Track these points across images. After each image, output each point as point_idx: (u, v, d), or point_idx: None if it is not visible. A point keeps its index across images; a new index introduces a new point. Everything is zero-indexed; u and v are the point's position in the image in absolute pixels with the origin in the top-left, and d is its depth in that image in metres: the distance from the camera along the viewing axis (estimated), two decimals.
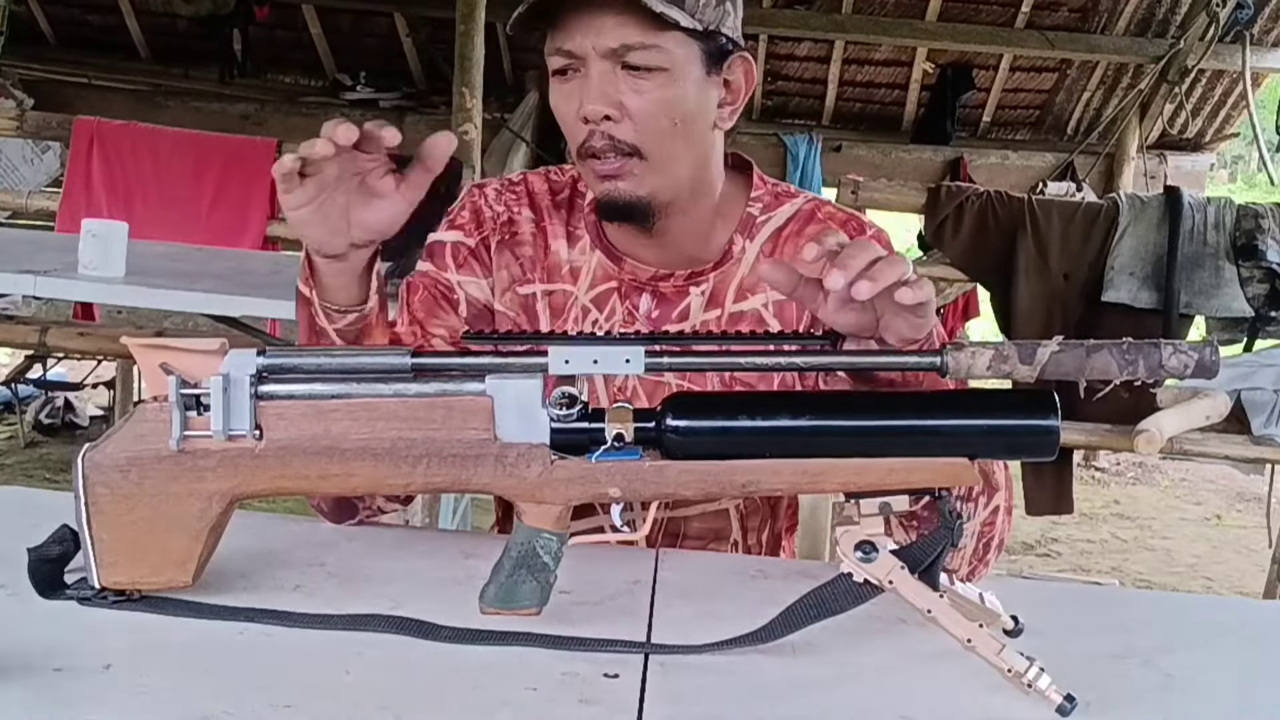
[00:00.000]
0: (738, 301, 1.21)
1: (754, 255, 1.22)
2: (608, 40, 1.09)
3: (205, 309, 2.72)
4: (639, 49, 1.10)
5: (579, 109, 1.12)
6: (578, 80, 1.12)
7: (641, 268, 1.22)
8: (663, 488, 0.89)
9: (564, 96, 1.13)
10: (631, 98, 1.11)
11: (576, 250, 1.24)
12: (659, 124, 1.12)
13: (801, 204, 1.24)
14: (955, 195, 3.84)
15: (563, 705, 0.80)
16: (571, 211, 1.26)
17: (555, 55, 1.12)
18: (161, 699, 0.77)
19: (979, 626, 0.83)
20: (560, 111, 1.14)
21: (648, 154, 1.12)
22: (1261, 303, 3.56)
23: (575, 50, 1.11)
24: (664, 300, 1.22)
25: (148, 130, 4.65)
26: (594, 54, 1.10)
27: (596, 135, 1.12)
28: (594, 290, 1.22)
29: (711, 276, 1.21)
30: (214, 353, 0.88)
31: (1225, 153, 11.75)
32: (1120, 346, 0.85)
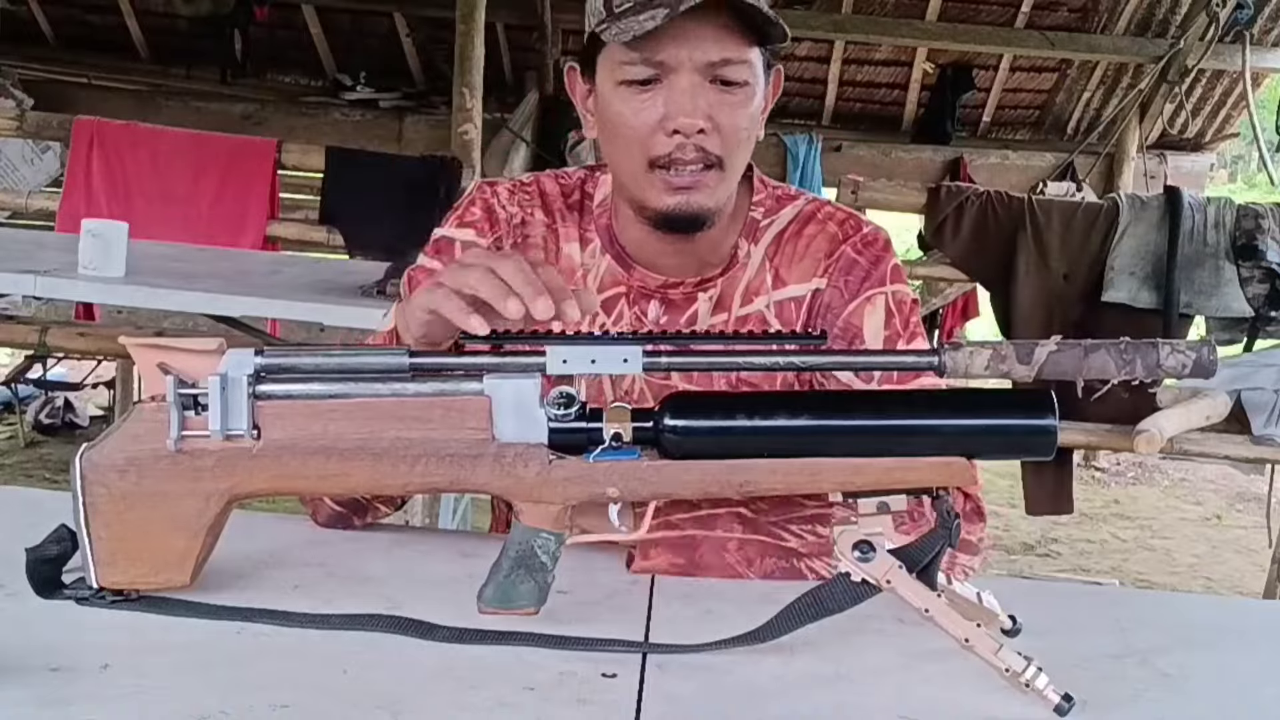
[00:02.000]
0: (744, 306, 1.21)
1: (759, 259, 1.21)
2: (709, 54, 1.07)
3: (205, 309, 2.73)
4: (736, 64, 1.09)
5: (662, 120, 1.09)
6: (659, 91, 1.09)
7: (651, 276, 1.20)
8: (661, 487, 0.89)
9: (640, 106, 1.10)
10: (722, 111, 1.09)
11: (587, 254, 1.22)
12: (740, 136, 1.12)
13: (802, 205, 1.24)
14: (955, 195, 3.84)
15: (561, 705, 0.80)
16: (583, 214, 1.24)
17: (640, 65, 1.08)
18: (159, 699, 0.77)
19: (977, 626, 0.83)
20: (633, 122, 1.10)
21: (726, 165, 1.12)
22: (1261, 303, 3.56)
23: (668, 61, 1.07)
24: (672, 306, 1.21)
25: (148, 130, 4.65)
26: (688, 65, 1.07)
27: (688, 148, 1.09)
28: (602, 295, 1.21)
29: (719, 282, 1.21)
30: (212, 352, 0.88)
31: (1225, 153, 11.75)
32: (1118, 346, 0.85)
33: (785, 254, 1.22)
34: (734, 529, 1.04)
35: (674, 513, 1.03)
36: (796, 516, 1.04)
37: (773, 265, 1.21)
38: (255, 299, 2.63)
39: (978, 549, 1.13)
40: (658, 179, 1.11)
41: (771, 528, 1.04)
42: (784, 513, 1.04)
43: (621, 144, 1.12)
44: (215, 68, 6.77)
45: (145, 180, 4.47)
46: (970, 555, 1.13)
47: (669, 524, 1.03)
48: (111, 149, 4.46)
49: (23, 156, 5.59)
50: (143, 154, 4.49)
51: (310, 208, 4.81)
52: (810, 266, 1.21)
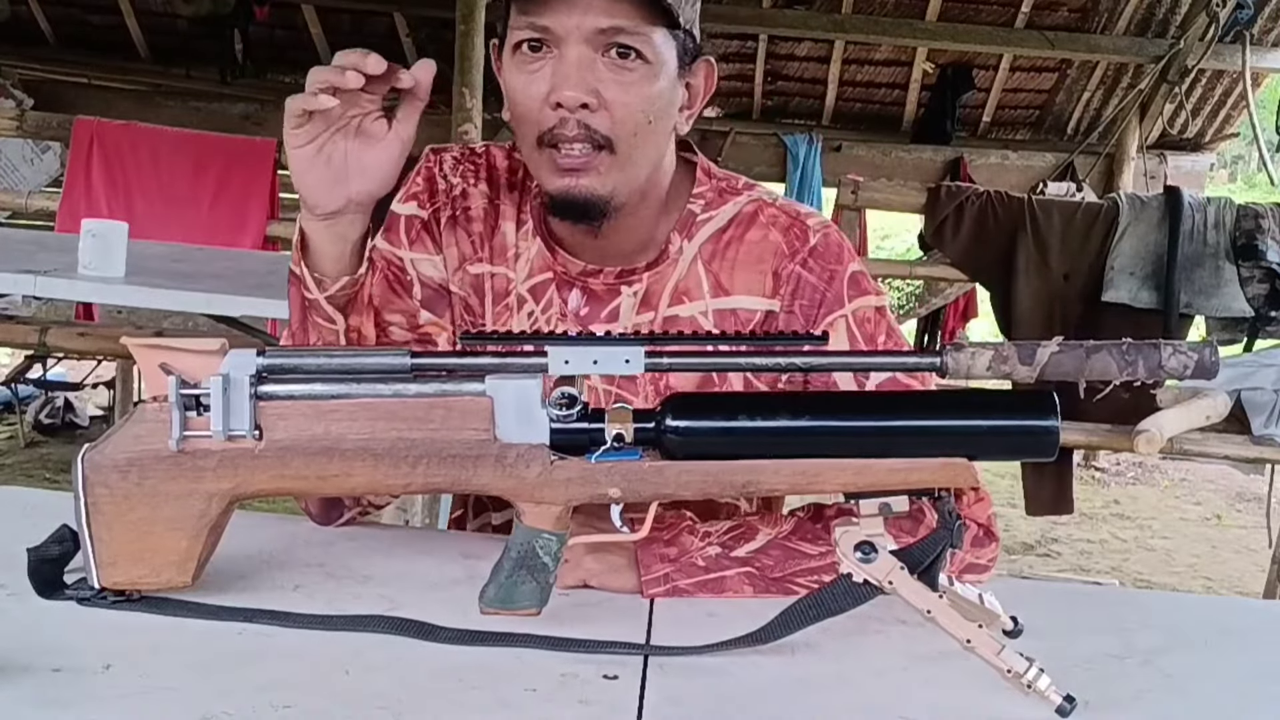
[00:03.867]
0: (673, 305, 1.15)
1: (691, 256, 1.16)
2: (597, 20, 1.02)
3: (205, 309, 2.72)
4: (629, 34, 1.03)
5: (548, 93, 1.04)
6: (549, 61, 1.04)
7: (572, 261, 1.16)
8: (662, 488, 0.89)
9: (529, 77, 1.05)
10: (612, 88, 1.04)
11: (520, 234, 1.18)
12: (635, 118, 1.05)
13: (744, 204, 1.17)
14: (955, 195, 3.84)
15: (562, 706, 0.80)
16: (523, 194, 1.19)
17: (525, 29, 1.04)
18: (161, 699, 0.77)
19: (978, 627, 0.83)
20: (521, 93, 1.05)
21: (618, 149, 1.06)
22: (1261, 303, 3.56)
23: (554, 28, 1.03)
24: (594, 297, 1.16)
25: (148, 130, 4.65)
26: (576, 34, 1.02)
27: (570, 123, 1.04)
28: (531, 280, 1.17)
29: (645, 277, 1.15)
30: (214, 353, 0.88)
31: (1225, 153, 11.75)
32: (1120, 347, 0.84)
33: (726, 259, 1.16)
34: (744, 590, 1.04)
35: (681, 579, 1.03)
36: (803, 569, 1.04)
37: (710, 270, 1.16)
38: (255, 299, 2.63)
39: (987, 569, 1.12)
40: (547, 158, 1.06)
41: (781, 583, 1.04)
42: (789, 567, 1.04)
43: (516, 118, 1.08)
44: (215, 68, 6.76)
45: (145, 180, 4.47)
46: (978, 575, 1.11)
47: (677, 590, 1.02)
48: (111, 149, 4.47)
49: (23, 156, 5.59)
50: (143, 154, 4.49)
51: None
52: (755, 279, 1.15)
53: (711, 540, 1.05)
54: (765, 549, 1.04)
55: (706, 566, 1.03)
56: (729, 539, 1.05)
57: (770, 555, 1.04)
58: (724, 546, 1.04)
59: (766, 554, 1.04)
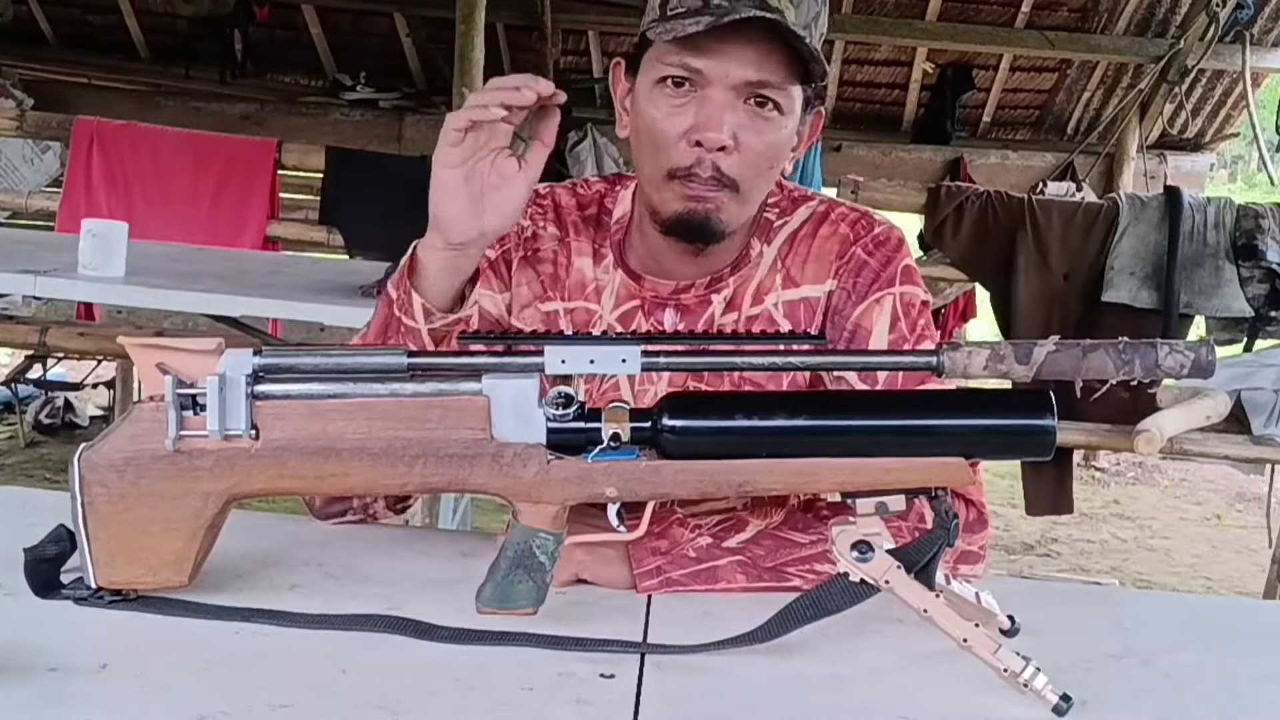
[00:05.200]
0: (754, 305, 1.20)
1: (771, 259, 1.20)
2: (747, 73, 1.07)
3: (205, 309, 2.72)
4: (773, 88, 1.08)
5: (688, 130, 1.08)
6: (691, 100, 1.08)
7: (662, 283, 1.20)
8: (659, 487, 0.89)
9: (671, 110, 1.09)
10: (749, 134, 1.09)
11: (600, 268, 1.21)
12: (760, 163, 1.11)
13: (816, 206, 1.23)
14: (955, 195, 3.84)
15: (559, 705, 0.80)
16: (598, 229, 1.23)
17: (675, 68, 1.08)
18: (158, 699, 0.77)
19: (975, 626, 0.83)
20: (662, 125, 1.10)
21: (741, 189, 1.11)
22: (1261, 303, 3.56)
23: (706, 71, 1.07)
24: (687, 312, 1.20)
25: (148, 130, 4.65)
26: (725, 81, 1.07)
27: (705, 164, 1.09)
28: (619, 309, 1.20)
29: (730, 281, 1.20)
30: (210, 352, 0.88)
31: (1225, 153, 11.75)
32: (1116, 346, 0.84)
33: (797, 254, 1.20)
34: (736, 579, 1.04)
35: (673, 570, 1.03)
36: (794, 558, 1.04)
37: (784, 265, 1.20)
38: (255, 299, 2.63)
39: (980, 557, 1.13)
40: (674, 188, 1.11)
41: (774, 572, 1.04)
42: (780, 556, 1.04)
43: (647, 146, 1.12)
44: (215, 68, 6.76)
45: (145, 180, 4.47)
46: (971, 565, 1.12)
47: (670, 581, 1.03)
48: (111, 149, 4.46)
49: (23, 156, 5.59)
50: (143, 154, 4.49)
51: (310, 208, 4.81)
52: (822, 268, 1.20)
53: (702, 532, 1.06)
54: (756, 539, 1.05)
55: (698, 557, 1.04)
56: (719, 530, 1.06)
57: (762, 545, 1.05)
58: (715, 537, 1.05)
59: (758, 544, 1.05)
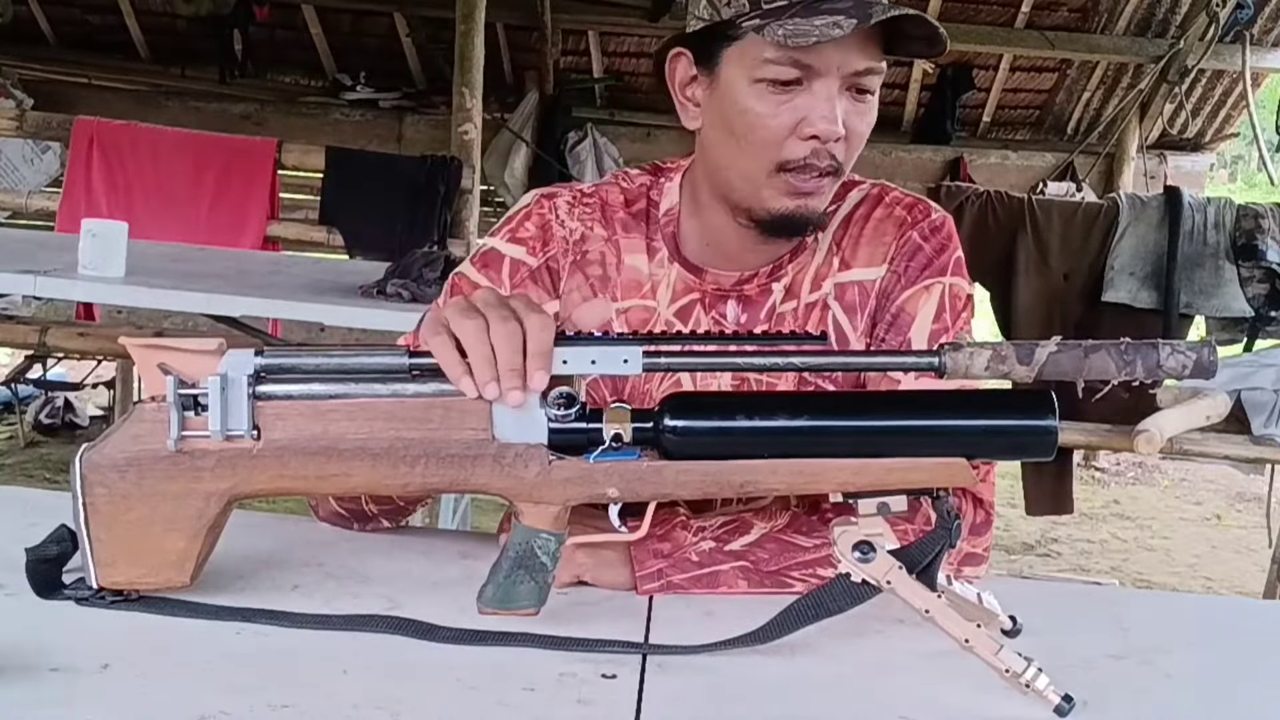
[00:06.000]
0: (812, 292, 1.19)
1: (827, 244, 1.20)
2: (856, 63, 1.07)
3: (205, 309, 2.73)
4: (875, 74, 1.09)
5: (797, 124, 1.07)
6: (800, 95, 1.07)
7: (724, 274, 1.18)
8: (661, 488, 0.89)
9: (778, 105, 1.07)
10: (854, 119, 1.09)
11: (655, 263, 1.19)
12: (860, 146, 1.12)
13: (868, 189, 1.23)
14: (955, 195, 3.85)
15: (561, 706, 0.80)
16: (649, 223, 1.20)
17: (786, 66, 1.06)
18: (159, 699, 0.77)
19: (977, 626, 0.83)
20: (769, 123, 1.07)
21: (842, 172, 1.12)
22: (1261, 303, 3.56)
23: (817, 66, 1.06)
24: (749, 303, 1.18)
25: (148, 130, 4.65)
26: (834, 74, 1.06)
27: (822, 154, 1.08)
28: (675, 304, 1.18)
29: (789, 268, 1.18)
30: (212, 353, 0.88)
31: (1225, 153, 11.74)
32: (1118, 347, 0.84)
33: (851, 236, 1.20)
34: (738, 584, 1.04)
35: (675, 574, 1.03)
36: (797, 563, 1.04)
37: (839, 249, 1.19)
38: (255, 299, 2.63)
39: (984, 559, 1.13)
40: (780, 181, 1.09)
41: (776, 577, 1.04)
42: (783, 560, 1.04)
43: (750, 143, 1.09)
44: (215, 68, 6.75)
45: (145, 180, 4.47)
46: (975, 566, 1.12)
47: (671, 584, 1.03)
48: (111, 149, 4.46)
49: (23, 156, 5.59)
50: (143, 154, 4.49)
51: (310, 208, 4.81)
52: (879, 251, 1.19)
53: (705, 535, 1.05)
54: (760, 543, 1.05)
55: (700, 561, 1.03)
56: (723, 533, 1.05)
57: (765, 549, 1.04)
58: (718, 541, 1.05)
59: (761, 547, 1.04)
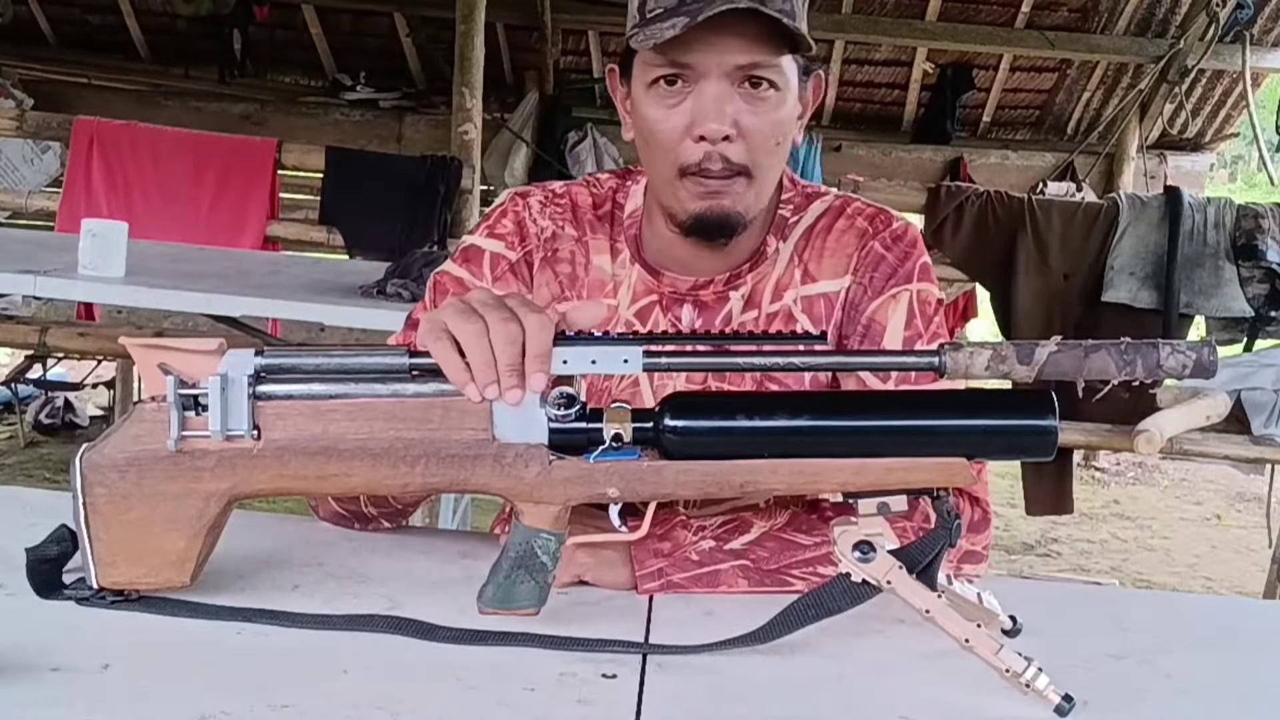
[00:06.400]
0: (774, 302, 1.19)
1: (788, 255, 1.20)
2: (737, 58, 1.06)
3: (205, 309, 2.72)
4: (766, 68, 1.07)
5: (689, 125, 1.08)
6: (687, 96, 1.08)
7: (681, 279, 1.19)
8: (661, 488, 0.89)
9: (668, 110, 1.09)
10: (748, 118, 1.08)
11: (618, 264, 1.21)
12: (768, 144, 1.10)
13: (831, 201, 1.23)
14: (955, 195, 3.84)
15: (561, 705, 0.80)
16: (614, 224, 1.22)
17: (664, 67, 1.07)
18: (159, 699, 0.77)
19: (977, 626, 0.83)
20: (661, 126, 1.09)
21: (755, 173, 1.11)
22: (1261, 303, 3.56)
23: (696, 65, 1.06)
24: (705, 308, 1.19)
25: (148, 130, 4.65)
26: (716, 71, 1.06)
27: (714, 157, 1.08)
28: (635, 305, 1.20)
29: (749, 278, 1.19)
30: (212, 353, 0.88)
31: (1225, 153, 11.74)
32: (1118, 347, 0.84)
33: (814, 249, 1.20)
34: (738, 583, 1.04)
35: (675, 573, 1.03)
36: (797, 561, 1.04)
37: (801, 261, 1.20)
38: (255, 299, 2.63)
39: (983, 557, 1.13)
40: (686, 186, 1.11)
41: (775, 575, 1.04)
42: (784, 558, 1.04)
43: (654, 149, 1.12)
44: (215, 68, 6.75)
45: (145, 180, 4.47)
46: (975, 564, 1.12)
47: (671, 584, 1.03)
48: (111, 149, 4.46)
49: (23, 156, 5.59)
50: (143, 154, 4.49)
51: (310, 208, 4.81)
52: (841, 263, 1.19)
53: (705, 534, 1.05)
54: (760, 541, 1.05)
55: (700, 560, 1.03)
56: (723, 532, 1.05)
57: (765, 547, 1.04)
58: (718, 540, 1.05)
59: (761, 546, 1.05)
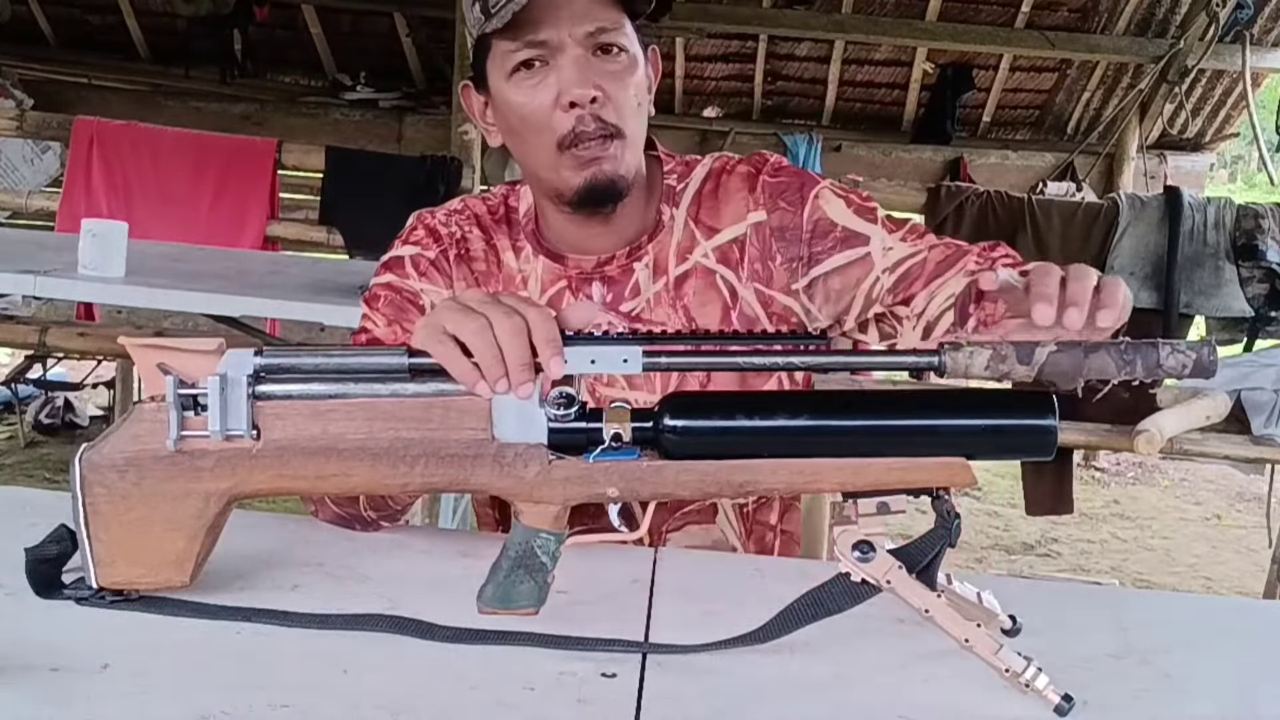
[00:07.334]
0: (680, 264, 1.25)
1: (683, 219, 1.27)
2: (585, 25, 1.13)
3: (205, 309, 2.72)
4: (611, 31, 1.14)
5: (557, 97, 1.14)
6: (548, 71, 1.14)
7: (584, 259, 1.25)
8: (660, 487, 0.89)
9: (534, 89, 1.14)
10: (609, 80, 1.14)
11: (522, 260, 1.28)
12: (631, 103, 1.17)
13: (710, 164, 1.30)
14: (955, 195, 3.85)
15: (561, 705, 0.80)
16: (510, 225, 1.29)
17: (522, 49, 1.13)
18: (159, 698, 0.77)
19: (976, 626, 0.83)
20: (532, 106, 1.15)
21: (626, 132, 1.16)
22: (1261, 303, 3.57)
23: (550, 40, 1.13)
24: (613, 283, 1.25)
25: (148, 130, 4.65)
26: (570, 41, 1.13)
27: (587, 119, 1.14)
28: (546, 294, 1.26)
29: (650, 248, 1.26)
30: (211, 352, 0.88)
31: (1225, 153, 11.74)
32: (1118, 346, 0.84)
33: (706, 207, 1.27)
34: None
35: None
36: None
37: (700, 222, 1.26)
38: (255, 299, 2.63)
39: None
40: (568, 158, 1.16)
41: None
42: None
43: (529, 133, 1.17)
44: (215, 68, 6.76)
45: (145, 180, 4.48)
46: None
47: None
48: (111, 149, 4.47)
49: (23, 156, 5.59)
50: (143, 154, 4.49)
51: (310, 208, 4.81)
52: (739, 208, 1.26)
53: None
54: None
55: None
56: None
57: None
58: None
59: None
